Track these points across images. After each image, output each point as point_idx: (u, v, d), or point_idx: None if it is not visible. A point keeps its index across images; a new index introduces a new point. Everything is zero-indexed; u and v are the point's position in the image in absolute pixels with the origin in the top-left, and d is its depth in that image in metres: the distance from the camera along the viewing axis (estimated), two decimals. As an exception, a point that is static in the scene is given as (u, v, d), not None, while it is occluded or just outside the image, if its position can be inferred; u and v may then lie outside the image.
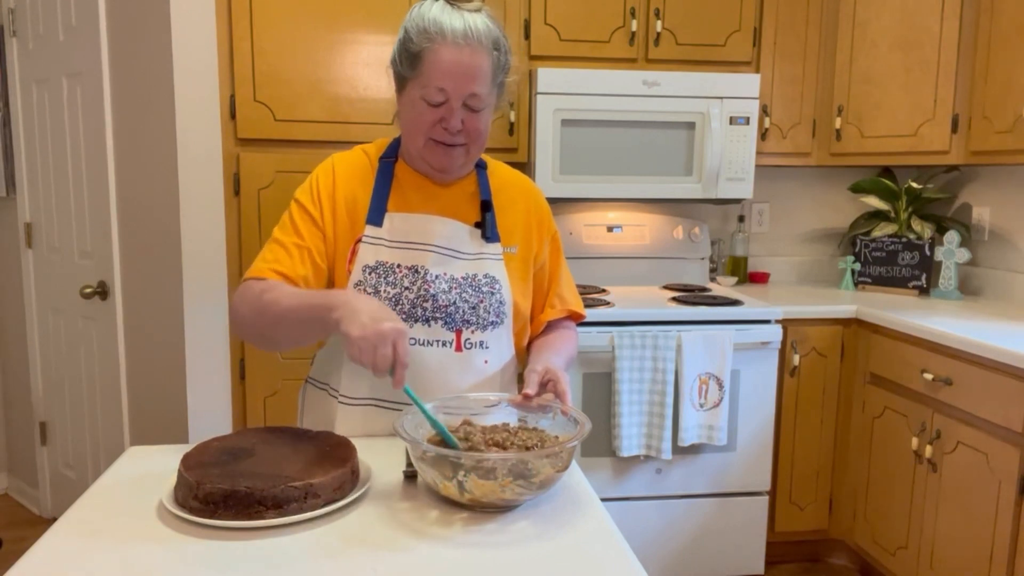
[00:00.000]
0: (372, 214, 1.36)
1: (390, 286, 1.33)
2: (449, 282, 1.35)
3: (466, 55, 1.25)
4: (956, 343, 2.25)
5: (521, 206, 1.46)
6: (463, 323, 1.35)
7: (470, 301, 1.35)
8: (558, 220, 3.13)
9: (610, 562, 0.94)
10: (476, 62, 1.26)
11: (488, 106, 1.32)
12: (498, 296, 1.37)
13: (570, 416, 1.19)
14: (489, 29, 1.28)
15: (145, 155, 2.61)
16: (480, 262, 1.38)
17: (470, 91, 1.27)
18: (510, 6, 2.77)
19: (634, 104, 2.77)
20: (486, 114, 1.32)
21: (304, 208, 1.36)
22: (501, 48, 1.30)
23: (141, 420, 2.75)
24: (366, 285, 1.33)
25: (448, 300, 1.34)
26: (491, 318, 1.36)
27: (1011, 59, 2.50)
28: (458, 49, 1.25)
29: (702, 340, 2.55)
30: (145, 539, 0.97)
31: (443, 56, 1.25)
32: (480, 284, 1.36)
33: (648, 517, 2.66)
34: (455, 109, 1.28)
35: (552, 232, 1.50)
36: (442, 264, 1.35)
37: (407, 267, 1.34)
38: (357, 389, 1.37)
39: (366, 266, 1.34)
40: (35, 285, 3.14)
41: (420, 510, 1.06)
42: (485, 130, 1.34)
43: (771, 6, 2.92)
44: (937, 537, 2.37)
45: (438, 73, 1.25)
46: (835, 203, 3.43)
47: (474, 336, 1.36)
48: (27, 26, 2.99)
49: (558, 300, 1.51)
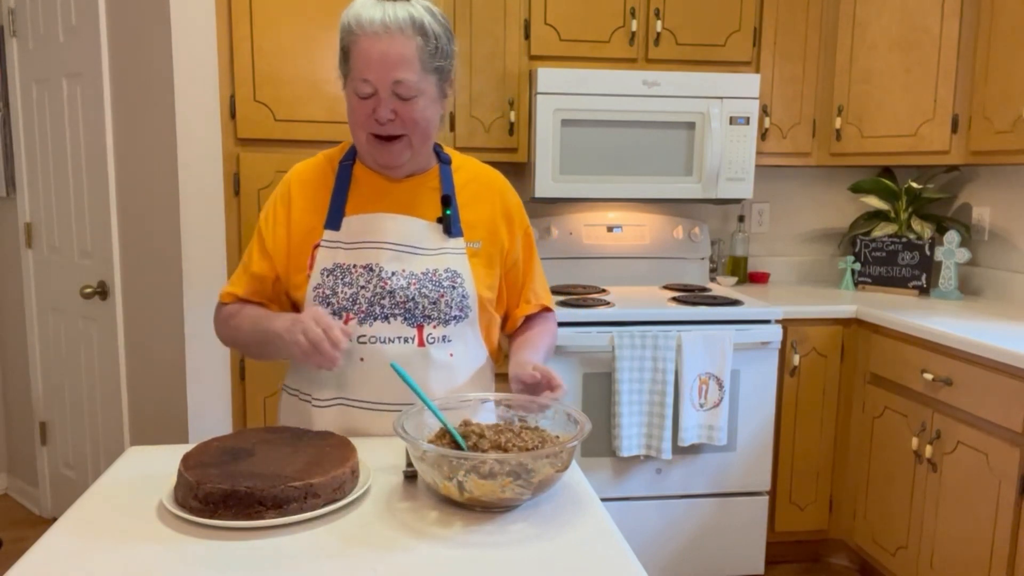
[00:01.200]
0: (330, 218, 1.39)
1: (347, 286, 1.35)
2: (408, 278, 1.36)
3: (385, 44, 1.27)
4: (956, 343, 2.25)
5: (487, 201, 1.46)
6: (424, 318, 1.36)
7: (430, 296, 1.36)
8: (558, 220, 3.13)
9: (610, 562, 0.94)
10: (397, 50, 1.27)
11: (422, 94, 1.31)
12: (460, 290, 1.38)
13: (570, 416, 1.19)
14: (412, 16, 1.28)
15: (145, 155, 2.61)
16: (441, 257, 1.39)
17: (393, 78, 1.28)
18: (510, 6, 2.77)
19: (634, 104, 2.77)
20: (421, 102, 1.32)
21: (260, 234, 1.44)
22: (429, 33, 1.30)
23: (141, 420, 2.75)
24: (324, 287, 1.36)
25: (407, 296, 1.35)
26: (454, 312, 1.37)
27: (1011, 59, 2.50)
28: (377, 39, 1.27)
29: (702, 340, 2.55)
30: (145, 539, 0.96)
31: (364, 47, 1.27)
32: (441, 279, 1.37)
33: (648, 517, 2.66)
34: (383, 99, 1.29)
35: (524, 227, 1.51)
36: (399, 261, 1.37)
37: (362, 266, 1.36)
38: (325, 391, 1.39)
39: (324, 269, 1.37)
40: (35, 285, 3.14)
41: (420, 510, 1.06)
42: (424, 119, 1.33)
43: (771, 6, 2.92)
44: (937, 537, 2.37)
45: (361, 64, 1.28)
46: (835, 203, 3.43)
47: (436, 331, 1.37)
48: (27, 26, 2.99)
49: (533, 295, 1.53)
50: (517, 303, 1.52)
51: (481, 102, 2.79)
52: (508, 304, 1.52)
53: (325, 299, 1.36)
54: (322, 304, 1.36)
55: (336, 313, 1.35)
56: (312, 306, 1.29)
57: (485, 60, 2.78)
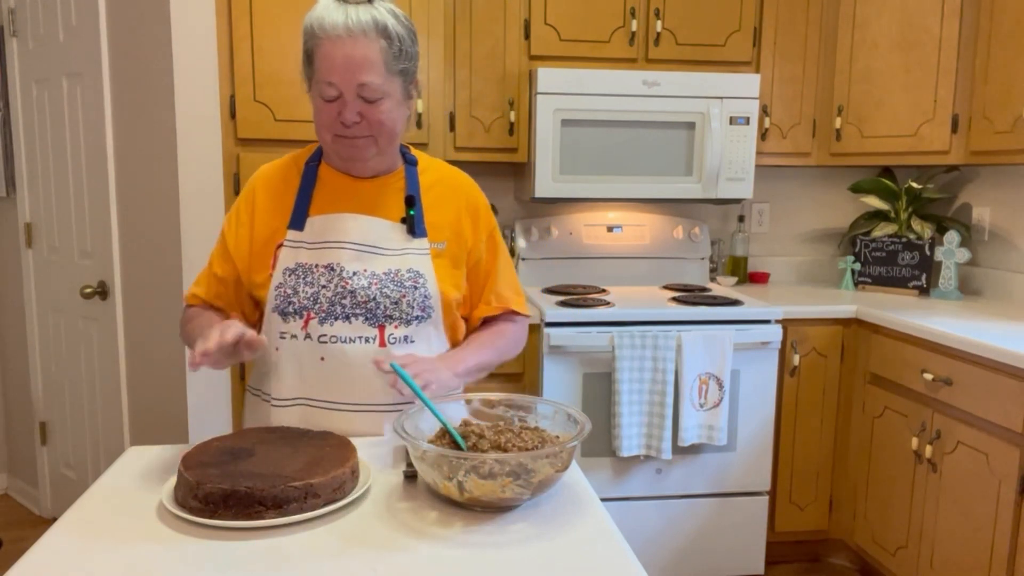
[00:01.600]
0: (294, 219, 1.40)
1: (308, 285, 1.36)
2: (369, 278, 1.36)
3: (349, 47, 1.27)
4: (956, 343, 2.25)
5: (453, 202, 1.46)
6: (386, 318, 1.36)
7: (392, 296, 1.36)
8: (558, 220, 3.13)
9: (610, 562, 0.94)
10: (361, 52, 1.27)
11: (387, 96, 1.32)
12: (423, 291, 1.38)
13: (570, 416, 1.19)
14: (376, 20, 1.28)
15: (145, 155, 2.61)
16: (404, 257, 1.39)
17: (359, 81, 1.28)
18: (510, 6, 2.77)
19: (634, 104, 2.77)
20: (387, 104, 1.32)
21: (223, 236, 1.45)
22: (392, 35, 1.30)
23: (141, 420, 2.75)
24: (286, 286, 1.37)
25: (368, 295, 1.35)
26: (416, 312, 1.37)
27: (1011, 59, 2.50)
28: (341, 42, 1.27)
29: (702, 340, 2.55)
30: (145, 539, 0.97)
31: (327, 51, 1.27)
32: (403, 279, 1.37)
33: (648, 517, 2.66)
34: (348, 102, 1.29)
35: (490, 228, 1.50)
36: (360, 260, 1.37)
37: (324, 266, 1.37)
38: (285, 391, 1.39)
39: (286, 268, 1.37)
40: (35, 285, 3.14)
41: (420, 510, 1.06)
42: (390, 120, 1.33)
43: (771, 6, 2.92)
44: (937, 537, 2.37)
45: (325, 68, 1.28)
46: (835, 203, 3.43)
47: (398, 331, 1.37)
48: (27, 26, 2.99)
49: (494, 297, 1.50)
50: (476, 304, 1.51)
51: (481, 102, 2.79)
52: (470, 304, 1.51)
53: (286, 298, 1.36)
54: (283, 303, 1.37)
55: (297, 312, 1.36)
56: (232, 321, 1.25)
57: (485, 60, 2.78)
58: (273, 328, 1.39)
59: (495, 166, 3.12)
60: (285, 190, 1.43)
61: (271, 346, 1.40)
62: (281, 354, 1.39)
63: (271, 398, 1.41)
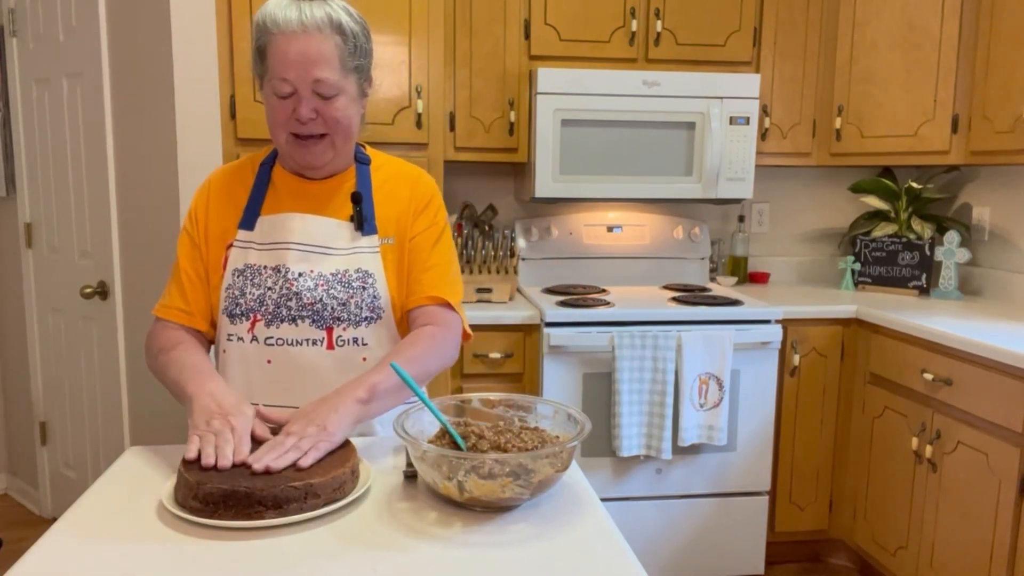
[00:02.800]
0: (244, 219, 1.38)
1: (255, 287, 1.34)
2: (316, 279, 1.34)
3: (303, 42, 1.25)
4: (956, 343, 2.25)
5: (402, 195, 1.42)
6: (333, 320, 1.34)
7: (339, 298, 1.34)
8: (558, 220, 3.13)
9: (610, 562, 0.94)
10: (316, 48, 1.25)
11: (343, 92, 1.30)
12: (371, 291, 1.35)
13: (570, 416, 1.19)
14: (330, 16, 1.27)
15: (145, 155, 2.61)
16: (354, 256, 1.37)
17: (313, 77, 1.26)
18: (510, 6, 2.77)
19: (634, 104, 2.77)
20: (342, 101, 1.30)
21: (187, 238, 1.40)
22: (347, 32, 1.29)
23: (141, 420, 2.75)
24: (234, 288, 1.35)
25: (314, 297, 1.33)
26: (364, 313, 1.35)
27: (1011, 59, 2.50)
28: (296, 37, 1.25)
29: (702, 340, 2.55)
30: (145, 539, 0.96)
31: (281, 46, 1.25)
32: (351, 279, 1.35)
33: (648, 517, 2.66)
34: (303, 98, 1.27)
35: (432, 215, 1.42)
36: (306, 261, 1.35)
37: (271, 267, 1.35)
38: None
39: (235, 269, 1.36)
40: (35, 285, 3.14)
41: (420, 510, 1.06)
42: (345, 118, 1.31)
43: (771, 6, 2.92)
44: (937, 537, 2.37)
45: (279, 64, 1.26)
46: (835, 203, 3.43)
47: (347, 333, 1.34)
48: (27, 26, 2.99)
49: (418, 286, 1.39)
50: (407, 297, 1.40)
51: (481, 102, 2.79)
52: (404, 298, 1.41)
53: (234, 300, 1.35)
54: (231, 305, 1.34)
55: (244, 313, 1.34)
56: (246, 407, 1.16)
57: (485, 60, 2.78)
58: (221, 330, 1.38)
59: (495, 166, 3.12)
60: (238, 190, 1.41)
61: (218, 349, 1.38)
62: (228, 356, 1.37)
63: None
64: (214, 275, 1.38)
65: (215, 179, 1.44)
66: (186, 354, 1.30)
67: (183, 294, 1.39)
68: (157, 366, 1.34)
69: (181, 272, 1.40)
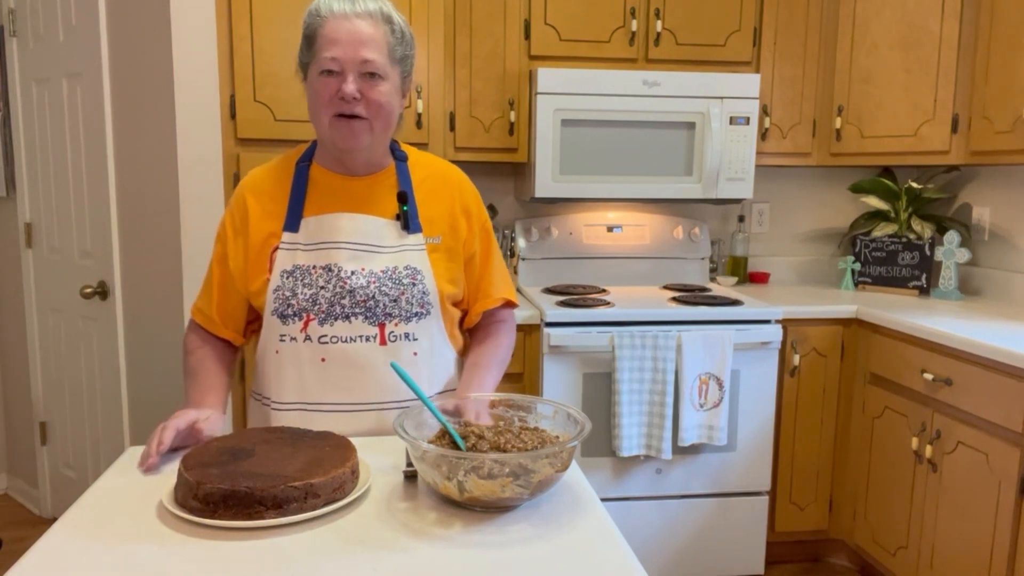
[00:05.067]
0: (288, 220, 1.40)
1: (306, 287, 1.36)
2: (367, 276, 1.36)
3: (354, 24, 1.30)
4: (956, 343, 2.25)
5: (446, 195, 1.47)
6: (385, 316, 1.36)
7: (390, 294, 1.36)
8: (558, 220, 3.13)
9: (610, 562, 0.94)
10: (366, 30, 1.30)
11: (387, 79, 1.33)
12: (420, 287, 1.38)
13: (570, 416, 1.19)
14: (381, 9, 1.33)
15: (145, 155, 2.61)
16: (401, 254, 1.39)
17: (362, 57, 1.30)
18: (510, 6, 2.77)
19: (634, 104, 2.77)
20: (386, 87, 1.33)
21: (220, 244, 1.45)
22: (396, 23, 1.34)
23: (141, 420, 2.75)
24: (284, 289, 1.37)
25: (367, 294, 1.35)
26: (415, 309, 1.38)
27: (1011, 59, 2.50)
28: (347, 19, 1.30)
29: (702, 340, 2.55)
30: (145, 539, 0.97)
31: (332, 27, 1.30)
32: (400, 276, 1.37)
33: (648, 517, 2.66)
34: (348, 75, 1.30)
35: (482, 221, 1.51)
36: (358, 259, 1.37)
37: (321, 267, 1.37)
38: (285, 394, 1.39)
39: (284, 271, 1.37)
40: (35, 285, 3.14)
41: (420, 510, 1.06)
42: (388, 105, 1.34)
43: (771, 6, 2.92)
44: (937, 537, 2.37)
45: (328, 43, 1.30)
46: (835, 203, 3.43)
47: (398, 328, 1.37)
48: (27, 26, 2.99)
49: (493, 289, 1.52)
50: (476, 298, 1.51)
51: (481, 102, 2.79)
52: (468, 299, 1.51)
53: (285, 301, 1.36)
54: (282, 306, 1.36)
55: (296, 314, 1.36)
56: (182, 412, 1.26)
57: (485, 60, 2.78)
58: (272, 331, 1.39)
59: (495, 166, 3.12)
60: (277, 193, 1.42)
61: (270, 350, 1.39)
62: (282, 357, 1.38)
63: (271, 402, 1.41)
64: (257, 279, 1.39)
65: (248, 187, 1.45)
66: (197, 362, 1.42)
67: (210, 298, 1.46)
68: (184, 369, 1.46)
69: (212, 276, 1.45)
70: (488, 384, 1.41)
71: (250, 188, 1.44)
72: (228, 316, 1.45)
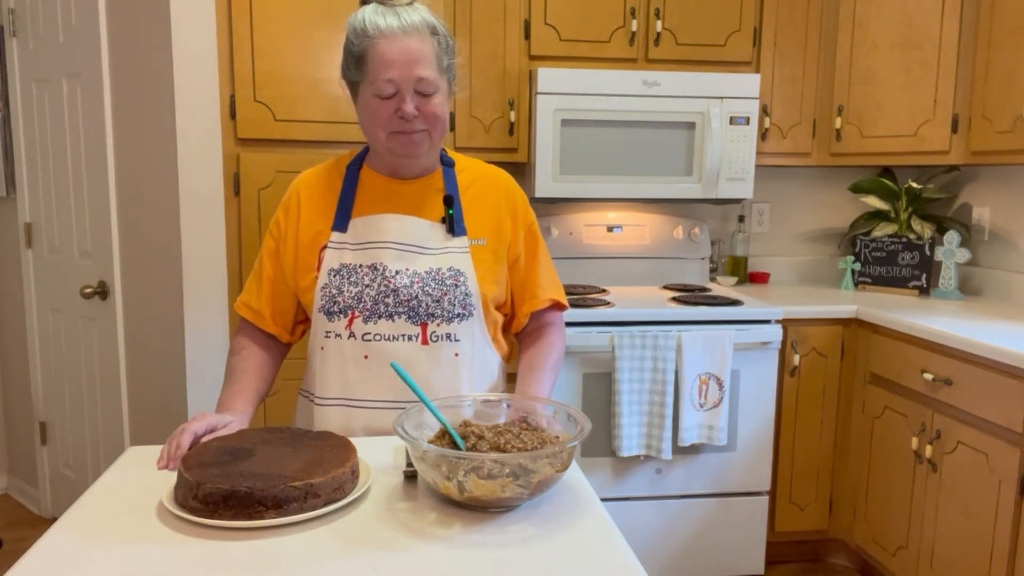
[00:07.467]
0: (337, 221, 1.43)
1: (352, 285, 1.38)
2: (411, 276, 1.38)
3: (405, 44, 1.31)
4: (956, 343, 2.25)
5: (491, 199, 1.49)
6: (428, 316, 1.38)
7: (433, 295, 1.38)
8: (558, 220, 3.13)
9: (610, 562, 0.94)
10: (417, 47, 1.31)
11: (439, 90, 1.35)
12: (463, 288, 1.40)
13: (570, 416, 1.19)
14: (424, 18, 1.34)
15: (145, 155, 2.61)
16: (445, 256, 1.41)
17: (417, 76, 1.31)
18: (510, 6, 2.77)
19: (634, 104, 2.77)
20: (439, 98, 1.36)
21: (270, 240, 1.48)
22: (440, 32, 1.36)
23: (141, 420, 2.75)
24: (331, 287, 1.39)
25: (411, 294, 1.37)
26: (457, 310, 1.39)
27: (1011, 59, 2.50)
28: (397, 39, 1.30)
29: (702, 340, 2.55)
30: (145, 539, 0.97)
31: (384, 48, 1.31)
32: (444, 277, 1.39)
33: (648, 517, 2.66)
34: (406, 96, 1.32)
35: (528, 223, 1.52)
36: (403, 260, 1.40)
37: (368, 266, 1.39)
38: (328, 390, 1.42)
39: (331, 269, 1.40)
40: (35, 285, 3.14)
41: (420, 510, 1.06)
42: (442, 114, 1.37)
43: (771, 6, 2.92)
44: (937, 537, 2.37)
45: (382, 65, 1.31)
46: (835, 203, 3.43)
47: (440, 328, 1.39)
48: (27, 26, 2.99)
49: (540, 291, 1.52)
50: (523, 300, 1.52)
51: (481, 102, 2.79)
52: (513, 302, 1.53)
53: (332, 298, 1.39)
54: (328, 303, 1.39)
55: (342, 311, 1.38)
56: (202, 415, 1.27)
57: (485, 60, 2.78)
58: (319, 328, 1.42)
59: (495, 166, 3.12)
60: (327, 193, 1.46)
61: (316, 346, 1.43)
62: (326, 353, 1.41)
63: (315, 397, 1.44)
64: (306, 276, 1.42)
65: (302, 186, 1.48)
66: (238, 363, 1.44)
67: (259, 292, 1.48)
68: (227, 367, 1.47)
69: (262, 270, 1.48)
70: (546, 388, 1.44)
71: (304, 185, 1.48)
72: (278, 311, 1.48)
